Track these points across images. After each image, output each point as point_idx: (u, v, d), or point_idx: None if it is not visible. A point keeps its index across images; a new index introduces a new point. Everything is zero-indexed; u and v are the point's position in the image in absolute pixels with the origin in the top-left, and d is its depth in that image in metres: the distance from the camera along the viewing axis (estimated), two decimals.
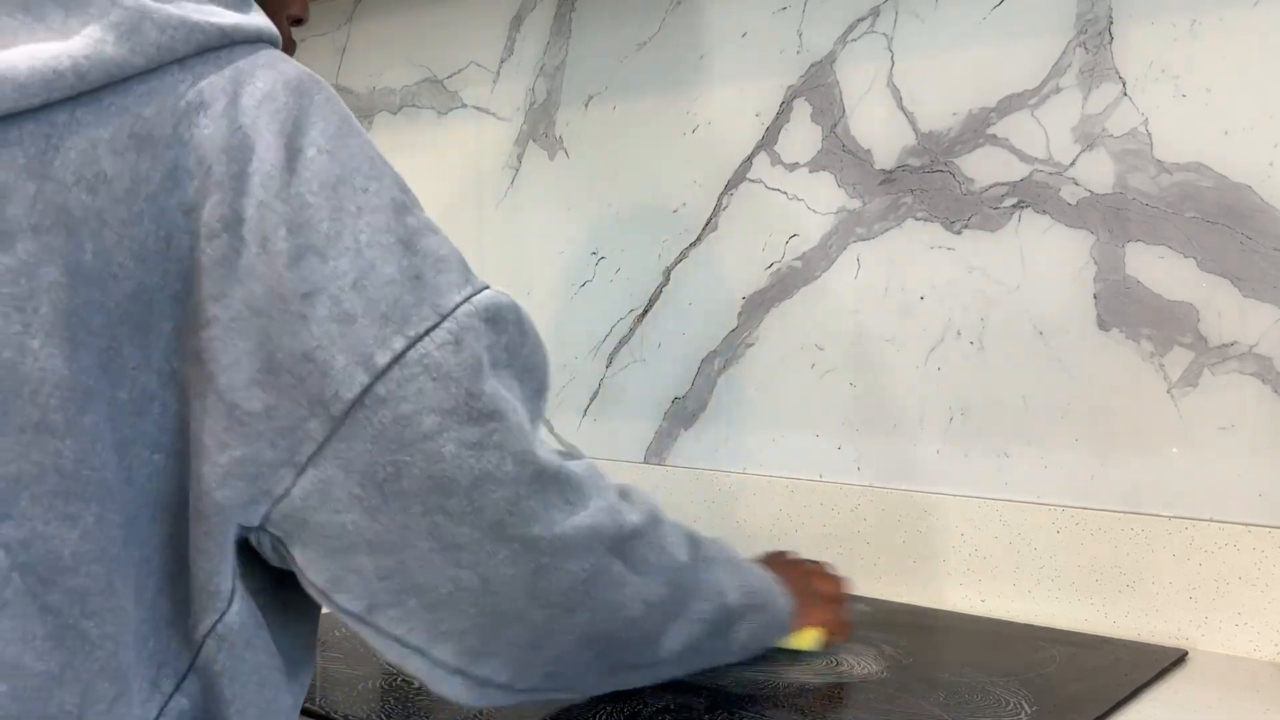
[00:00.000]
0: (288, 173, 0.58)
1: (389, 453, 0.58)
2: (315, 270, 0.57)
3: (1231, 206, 0.95)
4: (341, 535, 0.59)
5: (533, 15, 1.41)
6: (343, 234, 0.58)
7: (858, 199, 1.15)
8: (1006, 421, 1.07)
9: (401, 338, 0.58)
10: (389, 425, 0.58)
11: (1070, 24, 1.02)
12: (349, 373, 0.57)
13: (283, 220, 0.57)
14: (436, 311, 0.59)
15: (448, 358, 0.59)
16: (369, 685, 0.87)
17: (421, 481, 0.59)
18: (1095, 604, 1.02)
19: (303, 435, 0.58)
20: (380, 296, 0.58)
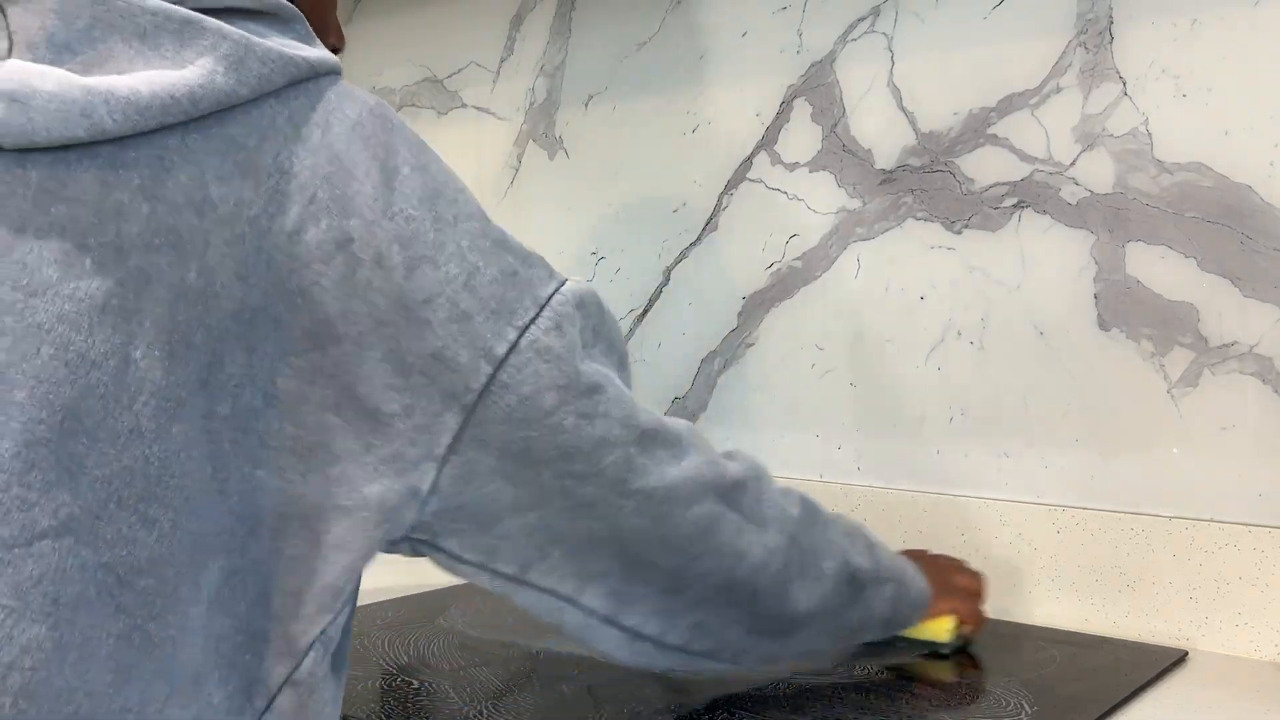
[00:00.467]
0: (388, 192, 0.63)
1: (519, 430, 0.64)
2: (429, 277, 0.62)
3: (1232, 206, 0.95)
4: (489, 506, 0.66)
5: (533, 15, 1.41)
6: (446, 242, 0.63)
7: (858, 199, 1.15)
8: (1007, 421, 1.07)
9: (513, 329, 0.64)
10: (515, 406, 0.64)
11: (1071, 24, 1.02)
12: (474, 365, 0.63)
13: (393, 236, 0.62)
14: (536, 303, 0.65)
15: (554, 342, 0.65)
16: (369, 685, 0.87)
17: (550, 451, 0.66)
18: (1095, 604, 1.02)
19: (440, 428, 0.63)
20: (489, 294, 0.64)
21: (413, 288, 0.62)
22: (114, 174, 0.59)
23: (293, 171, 0.61)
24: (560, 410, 0.66)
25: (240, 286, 0.60)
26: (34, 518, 0.56)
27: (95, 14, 0.61)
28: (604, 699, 0.83)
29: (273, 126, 0.62)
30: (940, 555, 0.99)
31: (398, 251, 0.62)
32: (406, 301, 0.62)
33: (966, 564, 0.99)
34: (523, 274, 0.66)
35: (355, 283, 0.61)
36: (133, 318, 0.58)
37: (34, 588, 0.56)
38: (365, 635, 1.00)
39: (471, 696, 0.84)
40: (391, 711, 0.81)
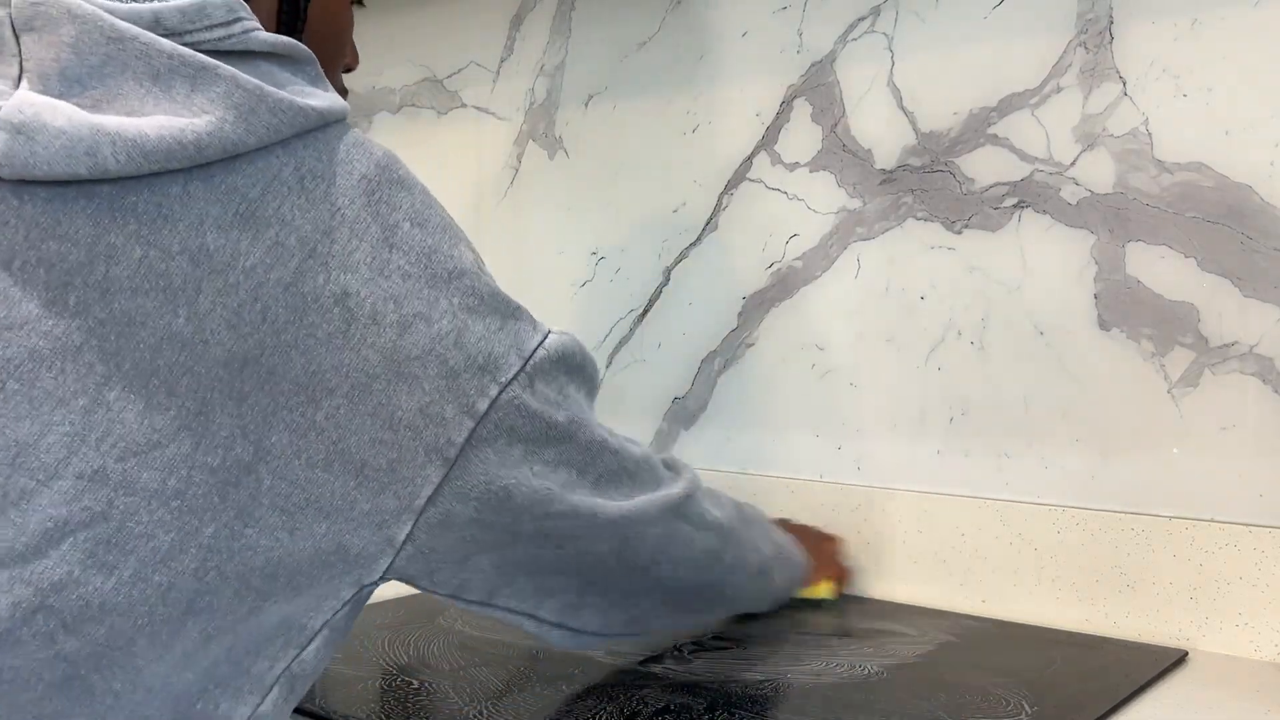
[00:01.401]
0: (387, 249, 0.63)
1: (496, 480, 0.66)
2: (423, 334, 0.63)
3: (1232, 206, 0.95)
4: (462, 548, 0.68)
5: (533, 15, 1.41)
6: (439, 299, 0.64)
7: (858, 199, 1.15)
8: (1007, 422, 1.07)
9: (496, 385, 0.65)
10: (492, 458, 0.66)
11: (1071, 23, 1.02)
12: (458, 421, 0.64)
13: (389, 294, 0.62)
14: (520, 357, 0.67)
15: (529, 398, 0.67)
16: (369, 685, 0.87)
17: (527, 497, 0.68)
18: (1096, 604, 1.02)
19: (421, 481, 0.64)
20: (477, 350, 0.65)
21: (405, 344, 0.63)
22: (110, 217, 0.58)
23: (294, 224, 0.61)
24: (532, 459, 0.68)
25: (231, 336, 0.59)
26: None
27: (110, 51, 0.60)
28: (604, 699, 0.83)
29: (278, 178, 0.61)
30: (803, 524, 1.14)
31: (392, 309, 0.62)
32: (399, 358, 0.62)
33: (821, 528, 1.15)
34: (509, 328, 0.67)
35: (349, 337, 0.61)
36: (111, 359, 0.58)
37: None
38: (365, 635, 1.00)
39: (471, 696, 0.84)
40: (391, 711, 0.81)
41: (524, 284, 1.44)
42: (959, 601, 1.09)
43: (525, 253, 1.44)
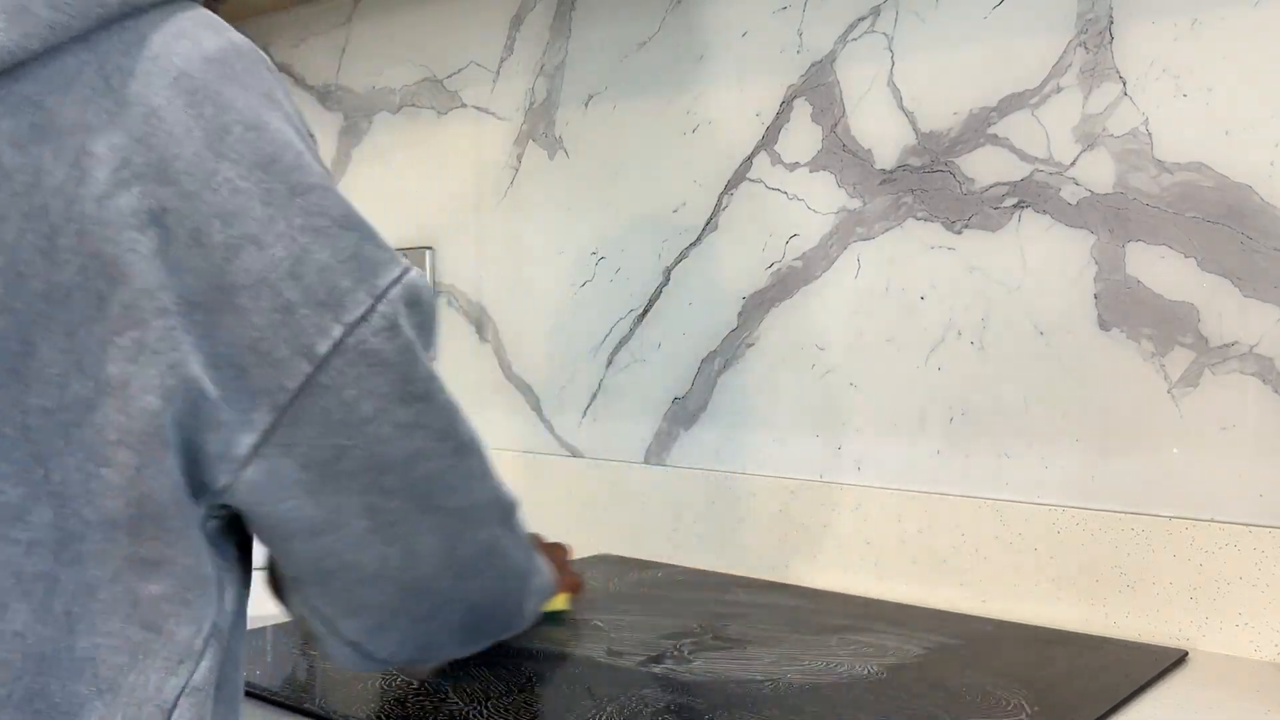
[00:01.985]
0: (213, 157, 0.55)
1: (330, 437, 0.59)
2: (254, 260, 0.56)
3: (1232, 206, 0.95)
4: (280, 524, 0.61)
5: (533, 15, 1.41)
6: (277, 219, 0.56)
7: (858, 199, 1.15)
8: (1007, 422, 1.07)
9: (340, 325, 0.58)
10: (332, 411, 0.58)
11: (1071, 23, 1.02)
12: (292, 363, 0.57)
13: (214, 212, 0.55)
14: (371, 294, 0.59)
15: (384, 344, 0.59)
16: (369, 685, 0.87)
17: (362, 462, 0.60)
18: (1096, 604, 1.02)
19: (244, 426, 0.57)
20: (318, 283, 0.57)
21: (233, 271, 0.55)
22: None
23: (102, 131, 0.53)
24: (379, 419, 0.60)
25: (47, 264, 0.53)
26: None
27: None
28: (604, 699, 0.83)
29: (78, 79, 0.53)
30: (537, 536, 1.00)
31: (219, 229, 0.55)
32: (224, 286, 0.55)
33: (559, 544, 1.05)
34: (361, 259, 0.59)
35: (168, 258, 0.54)
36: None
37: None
38: None
39: (471, 696, 0.84)
40: (391, 711, 0.81)
41: (524, 284, 1.44)
42: (959, 601, 1.09)
43: (525, 253, 1.44)
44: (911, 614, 1.06)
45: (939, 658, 0.93)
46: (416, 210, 1.56)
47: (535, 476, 1.42)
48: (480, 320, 1.49)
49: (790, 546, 1.19)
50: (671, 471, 1.30)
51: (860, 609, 1.08)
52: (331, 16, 1.65)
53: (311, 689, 0.85)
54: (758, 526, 1.22)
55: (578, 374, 1.39)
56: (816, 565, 1.18)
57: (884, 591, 1.14)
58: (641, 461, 1.33)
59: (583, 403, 1.39)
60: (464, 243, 1.50)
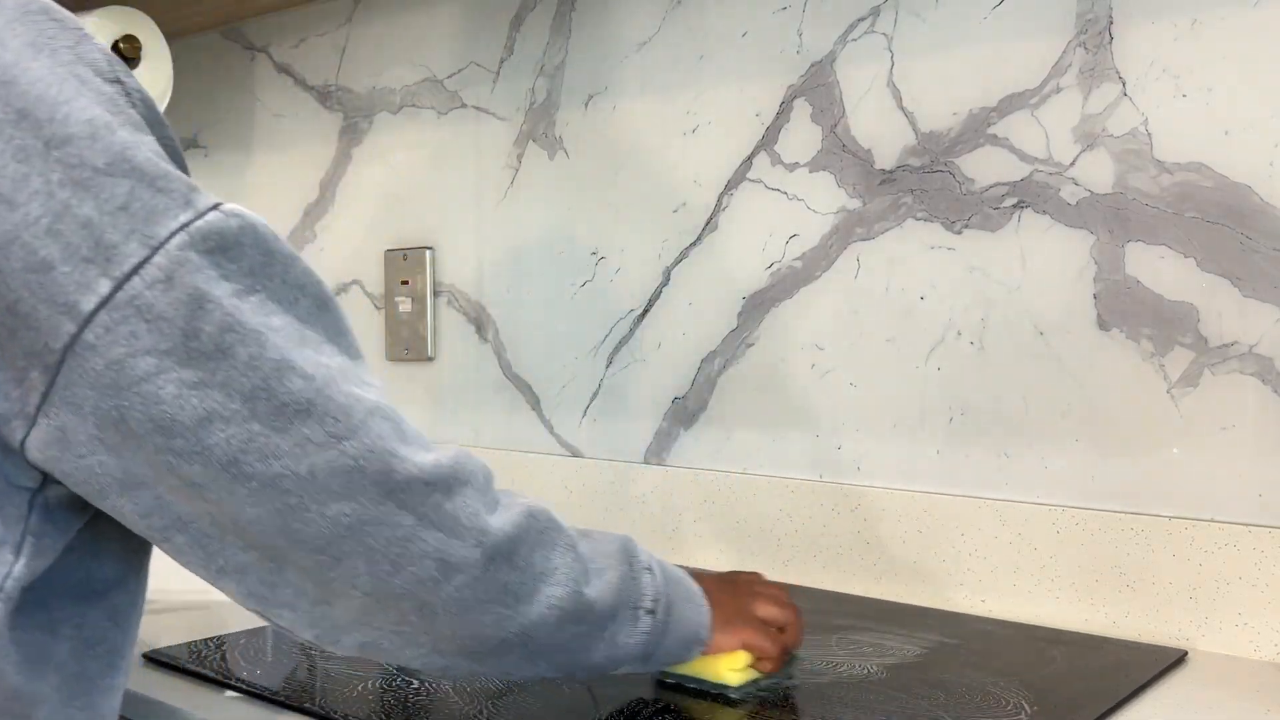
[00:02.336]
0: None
1: (109, 397, 0.55)
2: (4, 219, 0.53)
3: (1232, 206, 0.95)
4: (93, 479, 0.58)
5: (533, 15, 1.41)
6: (30, 175, 0.53)
7: (858, 199, 1.15)
8: (1006, 422, 1.07)
9: (107, 280, 0.54)
10: (103, 371, 0.55)
11: (1070, 24, 1.02)
12: (54, 323, 0.54)
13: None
14: (146, 245, 0.55)
15: (158, 297, 0.55)
16: (369, 685, 0.87)
17: (144, 424, 0.56)
18: (1095, 604, 1.02)
19: (29, 385, 0.55)
20: (80, 239, 0.54)
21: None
22: None
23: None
24: (158, 378, 0.56)
25: None
26: None
27: None
28: (604, 699, 0.83)
29: None
30: (745, 576, 0.87)
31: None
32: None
33: (781, 591, 0.86)
34: (136, 207, 0.55)
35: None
36: None
37: None
38: None
39: (471, 696, 0.84)
40: (391, 711, 0.81)
41: (524, 284, 1.44)
42: (959, 601, 1.09)
43: (525, 253, 1.44)
44: (911, 614, 1.06)
45: (939, 658, 0.93)
46: (416, 210, 1.56)
47: (535, 476, 1.42)
48: (480, 320, 1.49)
49: (789, 546, 1.19)
50: (671, 471, 1.30)
51: (860, 609, 1.08)
52: (331, 16, 1.65)
53: (311, 689, 0.85)
54: (757, 526, 1.22)
55: (578, 374, 1.39)
56: (816, 565, 1.18)
57: (884, 591, 1.14)
58: (641, 461, 1.33)
59: (583, 403, 1.39)
60: (464, 243, 1.50)
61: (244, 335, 0.57)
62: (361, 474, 0.59)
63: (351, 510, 0.59)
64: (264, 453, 0.57)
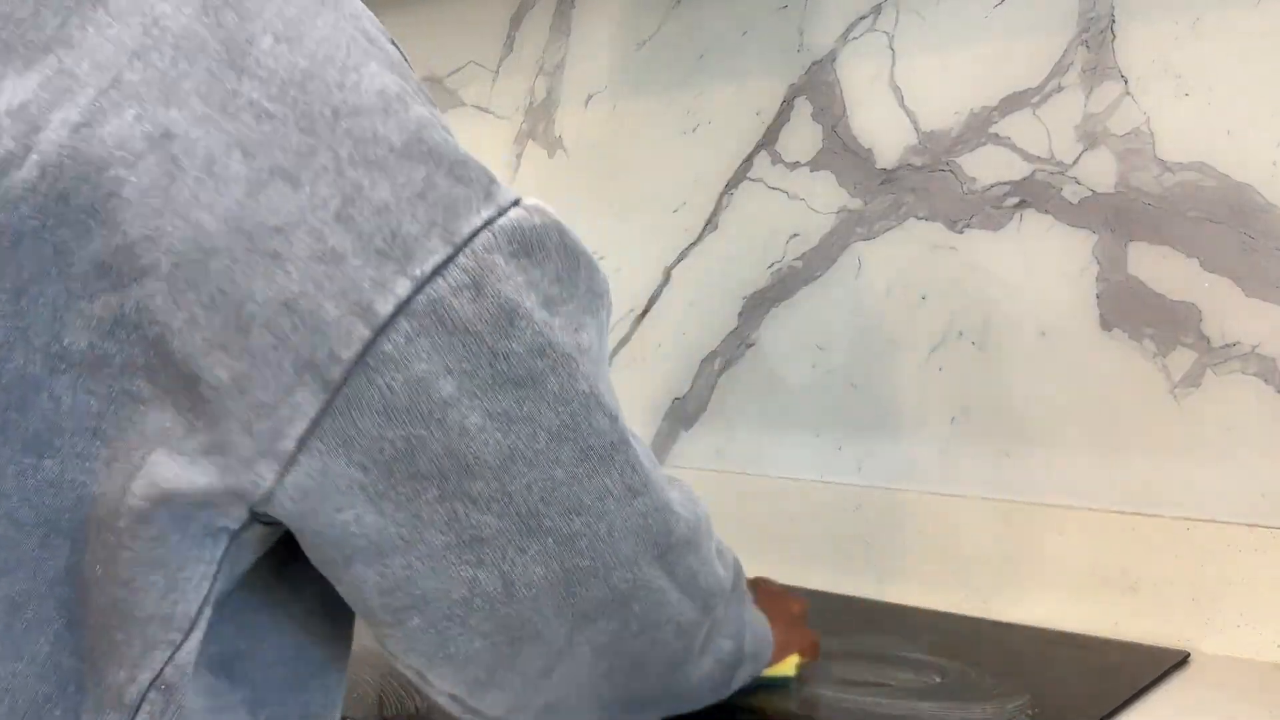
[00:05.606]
0: (235, 74, 0.44)
1: (400, 425, 0.45)
2: (286, 199, 0.44)
3: (1234, 206, 0.95)
4: (340, 541, 0.47)
5: (532, 13, 1.41)
6: (317, 150, 0.44)
7: (859, 198, 1.15)
8: (1008, 422, 1.07)
9: (406, 279, 0.45)
10: (400, 390, 0.45)
11: (1072, 22, 1.02)
12: (345, 325, 0.44)
13: (234, 139, 0.44)
14: (448, 241, 0.46)
15: (465, 305, 0.46)
16: (369, 685, 0.86)
17: (440, 461, 0.47)
18: (1096, 605, 1.01)
19: (290, 412, 0.44)
20: (374, 227, 0.45)
21: (258, 210, 0.44)
22: None
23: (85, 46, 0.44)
24: (461, 403, 0.46)
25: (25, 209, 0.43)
26: None
27: None
28: None
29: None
30: (764, 583, 0.86)
31: (239, 160, 0.44)
32: (248, 226, 0.43)
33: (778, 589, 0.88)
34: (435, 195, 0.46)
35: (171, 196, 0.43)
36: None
37: None
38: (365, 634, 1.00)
39: None
40: (392, 711, 0.81)
41: None
42: (959, 602, 1.09)
43: None
44: (912, 614, 1.06)
45: (940, 659, 0.93)
46: None
47: None
48: None
49: (790, 548, 1.19)
50: (671, 472, 1.29)
51: (860, 610, 1.08)
52: None
53: None
54: (757, 527, 1.22)
55: None
56: (816, 566, 1.18)
57: (884, 592, 1.13)
58: None
59: None
60: None
61: (555, 360, 0.48)
62: (647, 534, 0.53)
63: (630, 576, 0.53)
64: (566, 506, 0.50)
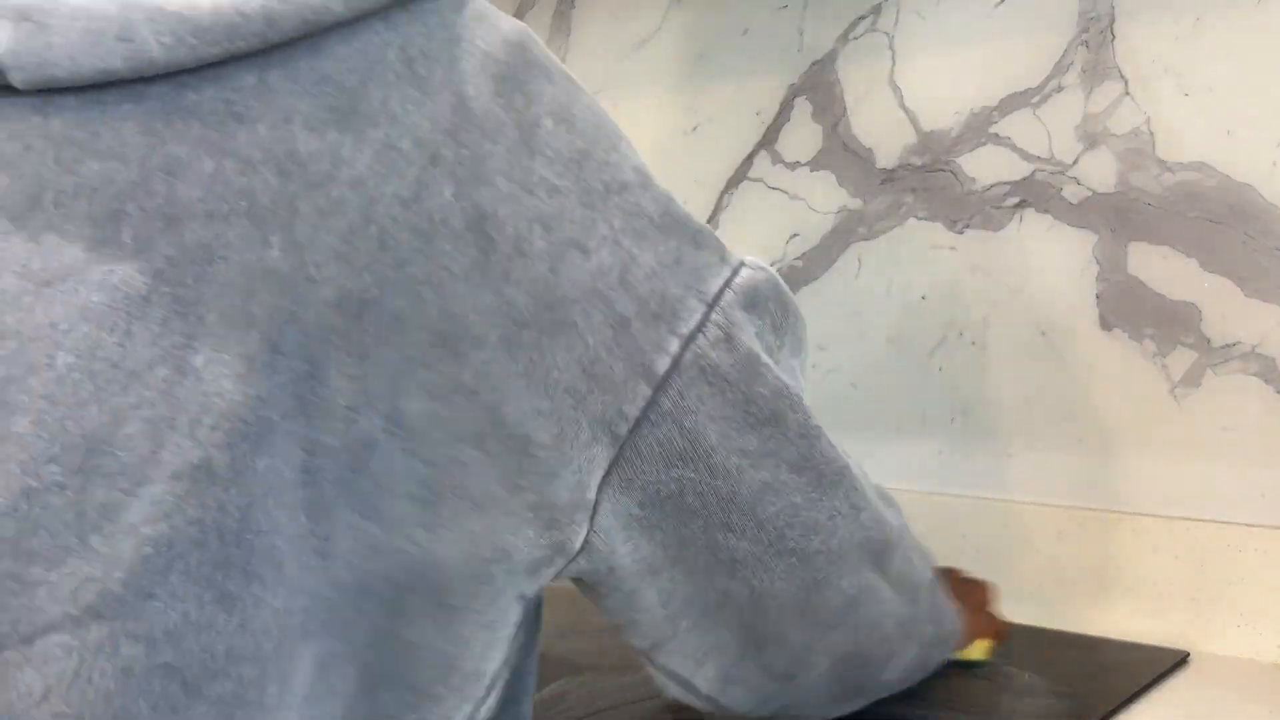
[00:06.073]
0: (528, 154, 0.48)
1: (674, 469, 0.51)
2: (579, 269, 0.48)
3: (1234, 206, 0.95)
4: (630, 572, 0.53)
5: (532, 13, 1.41)
6: (596, 222, 0.49)
7: (859, 198, 1.15)
8: (1008, 422, 1.07)
9: (675, 338, 0.50)
10: (675, 440, 0.51)
11: (1072, 22, 1.02)
12: (631, 386, 0.49)
13: (535, 215, 0.48)
14: (702, 300, 0.51)
15: (721, 358, 0.51)
16: None
17: (704, 498, 0.53)
18: (1096, 605, 1.01)
19: (589, 465, 0.49)
20: (647, 291, 0.50)
21: (560, 282, 0.48)
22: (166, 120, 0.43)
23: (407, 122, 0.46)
24: (724, 447, 0.52)
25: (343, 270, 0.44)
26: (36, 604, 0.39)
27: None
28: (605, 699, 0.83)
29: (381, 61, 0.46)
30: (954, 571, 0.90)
31: (540, 236, 0.48)
32: (553, 299, 0.48)
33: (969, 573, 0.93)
34: (687, 260, 0.51)
35: (488, 272, 0.46)
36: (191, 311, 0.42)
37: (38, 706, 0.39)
38: None
39: None
40: None
41: None
42: None
43: None
44: None
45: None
46: None
47: None
48: None
49: None
50: None
51: None
52: None
53: None
54: None
55: None
56: None
57: None
58: None
59: None
60: None
61: (791, 400, 0.55)
62: (868, 544, 0.60)
63: (856, 582, 0.59)
64: (805, 527, 0.56)
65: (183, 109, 0.43)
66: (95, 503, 0.40)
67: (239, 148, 0.44)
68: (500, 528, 0.48)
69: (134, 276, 0.42)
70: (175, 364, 0.42)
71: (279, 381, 0.43)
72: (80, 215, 0.42)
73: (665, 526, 0.52)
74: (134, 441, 0.41)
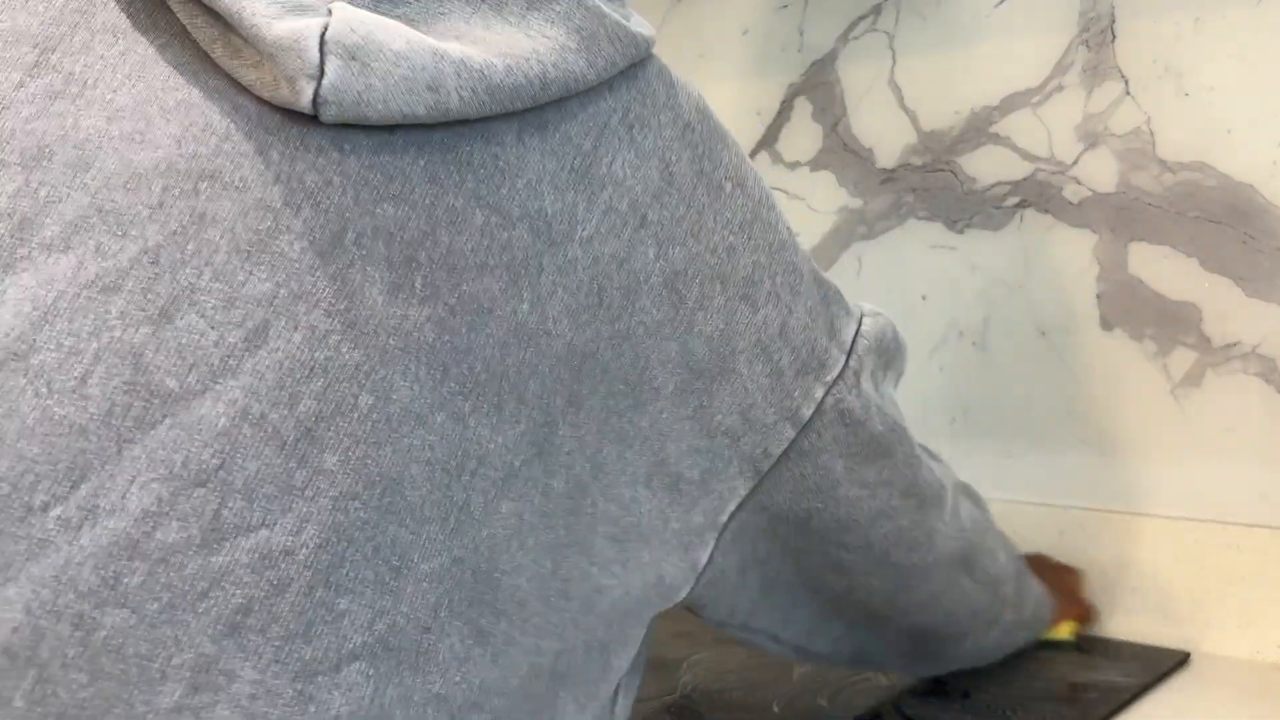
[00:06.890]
0: (713, 216, 0.52)
1: (803, 500, 0.57)
2: (748, 322, 0.53)
3: (1235, 206, 0.95)
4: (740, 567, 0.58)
5: None
6: (762, 279, 0.54)
7: (859, 198, 1.15)
8: (1009, 422, 1.07)
9: (821, 386, 0.55)
10: (808, 475, 0.56)
11: (1073, 22, 1.02)
12: (778, 429, 0.54)
13: (715, 272, 0.51)
14: (842, 350, 0.57)
15: (854, 402, 0.56)
16: None
17: (828, 524, 0.59)
18: (1097, 605, 1.01)
19: (728, 495, 0.54)
20: (800, 342, 0.55)
21: (732, 335, 0.52)
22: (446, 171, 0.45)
23: (626, 185, 0.49)
24: (847, 480, 0.57)
25: (570, 325, 0.47)
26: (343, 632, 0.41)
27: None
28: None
29: (608, 126, 0.49)
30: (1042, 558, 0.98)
31: (719, 291, 0.52)
32: (725, 350, 0.52)
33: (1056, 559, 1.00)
34: (826, 315, 0.57)
35: (676, 325, 0.50)
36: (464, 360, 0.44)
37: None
38: None
39: None
40: None
41: None
42: None
43: None
44: None
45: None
46: None
47: None
48: None
49: None
50: None
51: None
52: None
53: None
54: None
55: None
56: None
57: None
58: None
59: None
60: None
61: (900, 434, 0.60)
62: (959, 554, 0.67)
63: (943, 582, 0.67)
64: (909, 545, 0.62)
65: (459, 160, 0.45)
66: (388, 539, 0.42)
67: (501, 202, 0.46)
68: (659, 557, 0.52)
69: (424, 325, 0.44)
70: (451, 411, 0.44)
71: (521, 430, 0.46)
72: (379, 258, 0.43)
73: (791, 543, 0.58)
74: (417, 483, 0.43)
